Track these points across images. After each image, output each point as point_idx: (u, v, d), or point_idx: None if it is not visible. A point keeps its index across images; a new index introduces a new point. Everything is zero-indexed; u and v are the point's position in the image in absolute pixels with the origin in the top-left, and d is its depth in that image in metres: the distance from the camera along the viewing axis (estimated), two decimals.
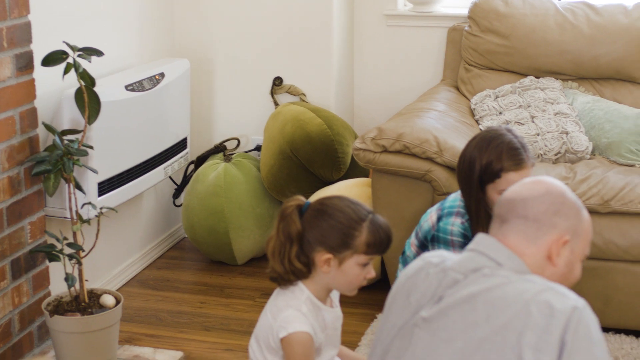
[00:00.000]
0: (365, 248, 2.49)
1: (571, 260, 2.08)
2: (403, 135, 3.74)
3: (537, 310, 1.90)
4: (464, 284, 2.00)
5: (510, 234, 2.08)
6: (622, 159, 4.03)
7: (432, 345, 1.98)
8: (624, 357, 3.57)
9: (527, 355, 1.87)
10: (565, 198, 2.08)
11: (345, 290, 2.58)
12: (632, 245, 3.65)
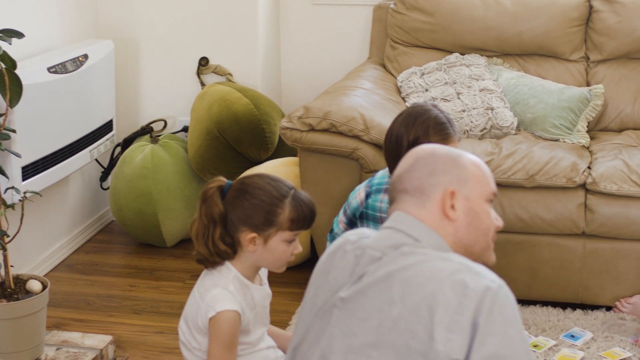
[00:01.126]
0: (289, 224, 2.49)
1: (471, 207, 2.06)
2: (330, 113, 3.74)
3: (450, 290, 1.89)
4: (382, 262, 1.99)
5: (400, 209, 2.09)
6: (546, 133, 4.07)
7: (350, 325, 1.97)
8: (551, 329, 3.62)
9: (438, 335, 1.86)
10: (435, 156, 2.08)
11: (274, 267, 2.58)
12: (557, 219, 3.70)
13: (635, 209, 3.65)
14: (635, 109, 4.31)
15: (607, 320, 3.70)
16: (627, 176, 3.64)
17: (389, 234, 2.06)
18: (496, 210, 3.71)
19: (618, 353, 3.41)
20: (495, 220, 2.14)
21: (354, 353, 1.94)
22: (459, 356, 1.86)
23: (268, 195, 2.49)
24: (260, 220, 2.48)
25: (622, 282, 3.75)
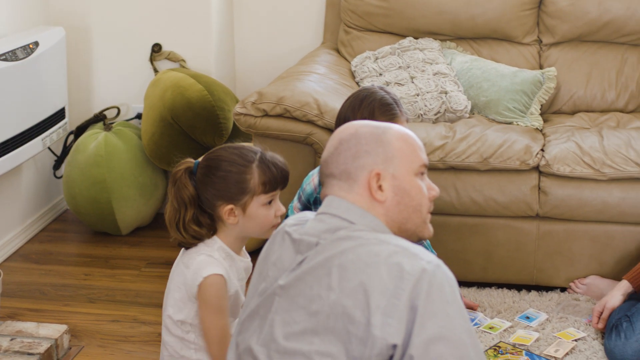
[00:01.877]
0: (262, 188, 2.50)
1: (399, 185, 2.05)
2: (283, 99, 3.72)
3: (387, 274, 1.88)
4: (320, 248, 1.98)
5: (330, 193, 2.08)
6: (500, 116, 4.09)
7: (290, 312, 1.96)
8: (507, 311, 3.64)
9: (375, 320, 1.85)
10: (358, 137, 2.06)
11: (261, 233, 2.57)
12: (511, 201, 3.72)
13: (588, 190, 3.68)
14: (587, 92, 4.34)
15: (562, 301, 3.73)
16: (580, 158, 3.67)
17: (324, 219, 2.05)
18: (450, 193, 3.73)
19: (572, 333, 3.44)
20: (430, 191, 2.13)
21: (295, 340, 1.93)
22: (397, 341, 1.85)
23: (234, 164, 2.48)
24: (233, 190, 2.48)
25: (576, 263, 3.78)
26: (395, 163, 2.05)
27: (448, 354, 1.86)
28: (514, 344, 3.37)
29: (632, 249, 3.72)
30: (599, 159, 3.65)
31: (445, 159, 3.72)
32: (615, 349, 3.20)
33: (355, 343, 1.87)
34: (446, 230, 3.79)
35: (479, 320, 3.56)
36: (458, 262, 3.82)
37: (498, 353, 3.30)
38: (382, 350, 1.86)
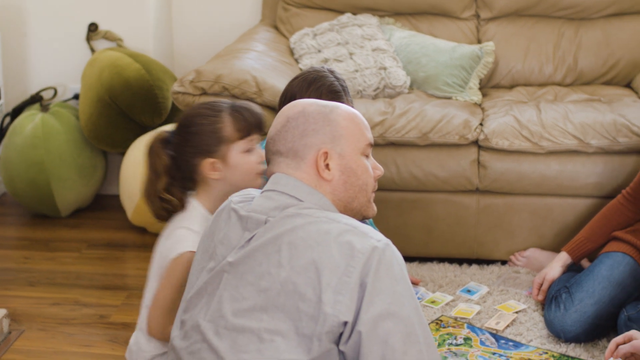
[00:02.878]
0: (238, 134, 2.49)
1: (346, 165, 2.07)
2: (222, 76, 3.70)
3: (337, 252, 1.89)
4: (269, 225, 1.99)
5: (277, 171, 2.08)
6: (439, 91, 4.10)
7: (239, 289, 1.96)
8: (448, 285, 3.66)
9: (326, 297, 1.87)
10: (306, 114, 2.07)
11: (249, 183, 2.55)
12: (450, 176, 3.74)
13: (527, 164, 3.70)
14: (525, 66, 4.36)
15: (502, 274, 3.76)
16: (519, 132, 3.69)
17: (272, 196, 2.05)
18: (391, 169, 3.74)
19: (513, 306, 3.47)
20: (375, 170, 2.14)
21: (244, 317, 1.93)
22: (348, 318, 1.86)
23: (204, 117, 2.48)
24: (209, 142, 2.48)
25: (515, 236, 3.82)
26: (342, 142, 2.06)
27: (395, 330, 1.88)
28: (456, 318, 3.40)
29: (571, 221, 3.76)
30: (537, 132, 3.68)
31: (385, 134, 3.73)
32: (554, 320, 3.24)
33: (306, 320, 1.88)
34: (387, 206, 3.80)
35: (421, 294, 3.58)
36: (399, 237, 3.83)
37: (440, 327, 3.32)
38: (332, 327, 1.87)
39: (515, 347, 3.19)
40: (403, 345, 1.88)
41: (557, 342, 3.23)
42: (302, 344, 1.89)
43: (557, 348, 3.19)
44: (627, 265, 3.25)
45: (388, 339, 1.87)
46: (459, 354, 3.14)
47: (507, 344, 3.21)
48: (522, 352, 3.16)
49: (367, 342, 1.87)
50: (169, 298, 2.49)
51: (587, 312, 3.18)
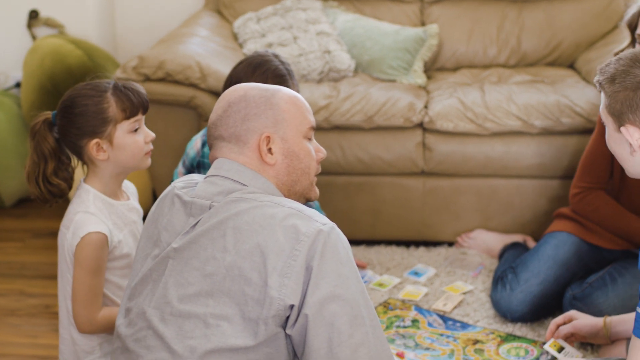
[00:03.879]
0: (122, 114, 2.45)
1: (289, 148, 2.07)
2: (165, 62, 3.67)
3: (283, 235, 1.89)
4: (213, 210, 1.98)
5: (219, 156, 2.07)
6: (384, 75, 4.10)
7: (184, 275, 1.95)
8: (395, 268, 3.67)
9: (272, 281, 1.87)
10: (247, 99, 2.06)
11: (137, 164, 2.52)
12: (396, 159, 3.74)
13: (472, 145, 3.72)
14: (469, 48, 4.38)
15: (450, 256, 3.78)
16: (463, 114, 3.71)
17: (216, 182, 2.04)
18: (336, 153, 3.74)
19: (460, 287, 3.49)
20: (317, 153, 2.14)
21: (189, 302, 1.92)
22: (294, 301, 1.86)
23: (88, 97, 2.43)
24: (94, 123, 2.43)
25: (462, 217, 3.84)
26: (285, 126, 2.06)
27: (342, 312, 1.88)
28: (403, 300, 3.41)
29: (516, 201, 3.79)
30: (481, 114, 3.70)
31: (330, 118, 3.72)
32: (501, 300, 3.26)
33: (252, 304, 1.88)
34: (333, 190, 3.80)
35: (369, 277, 3.58)
36: (346, 221, 3.84)
37: (388, 309, 3.33)
38: (279, 311, 1.87)
39: (462, 328, 3.21)
40: (349, 328, 1.88)
41: (504, 322, 3.26)
42: (248, 328, 1.89)
43: (504, 328, 3.22)
44: (572, 244, 3.28)
45: (334, 321, 1.87)
46: (406, 336, 3.15)
47: (455, 325, 3.23)
48: (470, 333, 3.18)
49: (313, 325, 1.87)
50: (87, 286, 2.44)
51: (532, 292, 3.21)
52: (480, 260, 3.71)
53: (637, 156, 2.08)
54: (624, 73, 2.07)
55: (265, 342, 1.90)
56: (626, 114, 2.05)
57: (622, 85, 2.06)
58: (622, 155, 2.13)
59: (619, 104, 2.06)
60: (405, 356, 3.02)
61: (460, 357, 3.02)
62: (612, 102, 2.08)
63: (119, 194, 2.57)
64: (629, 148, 2.08)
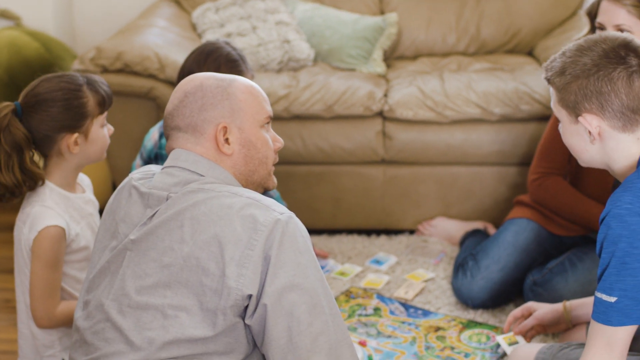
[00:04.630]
0: (98, 109, 2.46)
1: (246, 138, 2.06)
2: (123, 53, 3.65)
3: (240, 225, 1.89)
4: (171, 201, 1.97)
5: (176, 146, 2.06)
6: (343, 64, 4.10)
7: (142, 266, 1.94)
8: (357, 256, 3.68)
9: (230, 271, 1.86)
10: (204, 89, 2.06)
11: (98, 157, 2.52)
12: (356, 148, 3.75)
13: (431, 133, 3.73)
14: (428, 36, 4.39)
15: (411, 244, 3.79)
16: (422, 102, 3.71)
17: (173, 172, 2.03)
18: (296, 142, 3.73)
19: (421, 274, 3.50)
20: (275, 142, 2.14)
21: (147, 294, 1.91)
22: (252, 291, 1.86)
23: (67, 91, 2.42)
24: (75, 117, 2.42)
25: (422, 205, 3.85)
26: (241, 116, 2.05)
27: (300, 301, 1.88)
28: (365, 288, 3.42)
29: (476, 189, 3.80)
30: (441, 102, 3.71)
31: (289, 108, 3.72)
32: (462, 287, 3.27)
33: (210, 295, 1.87)
34: (294, 180, 3.80)
35: (330, 267, 3.59)
36: (307, 210, 3.84)
37: (349, 298, 3.34)
38: (237, 301, 1.86)
39: (424, 315, 3.22)
40: (308, 317, 1.88)
41: (465, 308, 3.27)
42: (206, 318, 1.88)
43: (465, 315, 3.23)
44: (532, 230, 3.30)
45: (293, 310, 1.87)
46: (368, 324, 3.16)
47: (416, 313, 3.24)
48: (431, 320, 3.19)
49: (272, 314, 1.87)
50: (45, 281, 2.42)
51: (493, 278, 3.23)
52: (441, 248, 3.73)
53: (597, 144, 2.08)
54: (572, 64, 2.07)
55: (224, 332, 1.89)
56: (581, 103, 2.05)
57: (572, 76, 2.06)
58: (580, 146, 2.12)
59: (573, 95, 2.06)
60: (368, 344, 3.02)
61: (422, 344, 3.03)
62: (565, 94, 2.08)
63: (75, 186, 2.55)
64: (587, 137, 2.08)
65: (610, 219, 1.96)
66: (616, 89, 2.02)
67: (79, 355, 2.01)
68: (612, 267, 1.96)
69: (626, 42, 2.05)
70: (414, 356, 2.97)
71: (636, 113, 2.03)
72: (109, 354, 1.93)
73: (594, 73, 2.03)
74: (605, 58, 2.03)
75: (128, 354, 1.91)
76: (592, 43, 2.08)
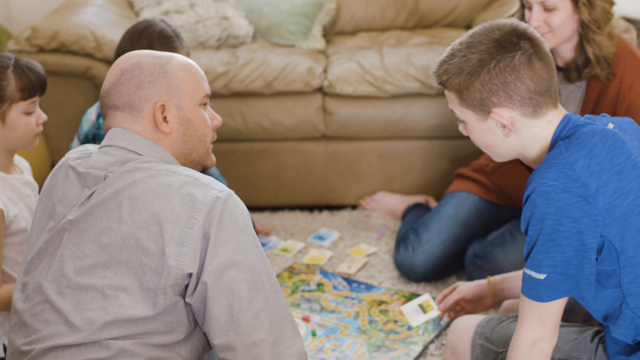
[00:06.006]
0: (20, 94, 2.42)
1: (184, 116, 2.05)
2: (59, 32, 3.60)
3: (179, 204, 1.88)
4: (109, 181, 1.95)
5: (113, 125, 2.05)
6: (282, 40, 4.09)
7: (80, 247, 1.93)
8: (300, 233, 3.69)
9: (169, 250, 1.86)
10: (141, 67, 2.04)
11: (24, 143, 2.49)
12: (297, 124, 3.74)
13: (372, 108, 3.74)
14: (368, 11, 4.38)
15: (353, 219, 3.80)
16: (362, 77, 3.72)
17: (110, 152, 2.01)
18: (237, 120, 3.72)
19: (364, 249, 3.52)
20: (213, 120, 2.13)
21: (86, 275, 1.90)
22: (192, 269, 1.86)
23: None
24: None
25: (364, 180, 3.86)
26: (179, 94, 2.03)
27: (241, 279, 1.88)
28: (308, 264, 3.43)
29: (417, 162, 3.82)
30: (381, 76, 3.71)
31: (229, 85, 3.70)
32: (404, 261, 3.29)
33: (150, 274, 1.86)
34: (235, 157, 3.79)
35: (273, 243, 3.59)
36: (249, 188, 3.83)
37: (292, 274, 3.34)
38: (177, 280, 1.86)
39: (367, 290, 3.24)
40: (249, 294, 1.88)
41: (408, 282, 3.30)
42: (147, 298, 1.87)
43: (408, 288, 3.25)
44: (472, 203, 3.32)
45: (234, 288, 1.87)
46: (312, 300, 3.17)
47: (359, 287, 3.26)
48: (374, 294, 3.20)
49: (212, 292, 1.86)
50: None
51: (434, 252, 3.25)
52: (383, 222, 3.75)
53: (512, 136, 2.07)
54: (468, 61, 2.04)
55: (164, 311, 1.89)
56: (488, 98, 2.03)
57: (472, 74, 2.03)
58: (494, 142, 2.10)
59: (477, 93, 2.03)
60: (311, 320, 3.04)
61: (365, 318, 3.05)
62: (468, 94, 2.05)
63: (11, 168, 2.52)
64: (501, 131, 2.07)
65: (535, 196, 1.95)
66: (520, 76, 2.01)
67: (18, 338, 1.99)
68: (539, 244, 1.97)
69: (514, 28, 2.04)
70: (358, 330, 2.98)
71: (543, 95, 2.03)
72: (48, 336, 1.91)
73: (495, 65, 2.01)
74: (501, 48, 2.02)
75: (68, 335, 1.89)
76: (481, 36, 2.05)
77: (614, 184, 1.95)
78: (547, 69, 2.03)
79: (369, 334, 2.96)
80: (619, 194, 1.95)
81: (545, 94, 2.03)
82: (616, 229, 1.94)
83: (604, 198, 1.93)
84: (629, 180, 1.97)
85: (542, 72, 2.02)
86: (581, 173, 1.94)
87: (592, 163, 1.95)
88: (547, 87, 2.03)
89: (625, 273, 1.97)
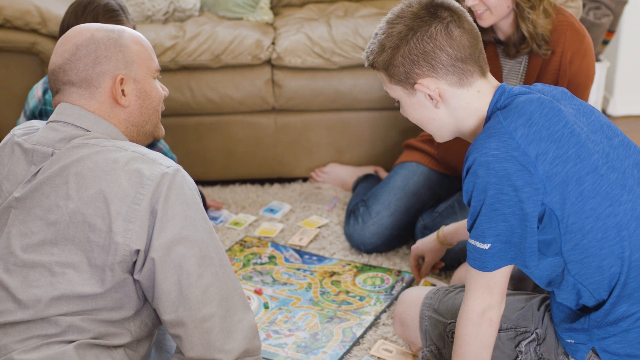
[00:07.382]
0: None
1: (141, 88, 2.05)
2: (2, 8, 3.56)
3: (126, 180, 1.88)
4: (55, 157, 1.94)
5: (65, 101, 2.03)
6: (230, 13, 4.07)
7: (27, 224, 1.92)
8: (251, 206, 3.69)
9: (117, 226, 1.85)
10: (96, 42, 2.02)
11: None
12: (246, 97, 3.73)
13: (321, 80, 3.73)
14: None
15: (304, 191, 3.81)
16: (311, 49, 3.71)
17: (57, 127, 2.00)
18: (185, 94, 3.71)
19: (315, 221, 3.53)
20: (162, 91, 2.13)
21: (34, 252, 1.89)
22: (140, 246, 1.85)
23: None
24: None
25: (315, 152, 3.86)
26: (135, 67, 2.04)
27: (190, 254, 1.88)
28: (260, 237, 3.43)
29: (367, 134, 3.83)
30: (329, 48, 3.71)
31: (176, 59, 3.68)
32: (354, 233, 3.30)
33: (97, 251, 1.86)
34: (184, 131, 3.78)
35: (224, 217, 3.59)
36: (199, 162, 3.82)
37: (244, 247, 3.34)
38: (124, 256, 1.86)
39: (319, 261, 3.25)
40: (198, 268, 1.89)
41: (360, 253, 3.31)
42: (95, 275, 1.87)
43: (360, 259, 3.27)
44: (422, 174, 3.34)
45: (182, 263, 1.87)
46: (264, 273, 3.17)
47: (311, 259, 3.27)
48: (326, 266, 3.22)
49: (161, 268, 1.87)
50: None
51: (384, 223, 3.26)
52: (334, 194, 3.76)
53: (442, 107, 2.08)
54: (388, 37, 2.06)
55: (113, 288, 1.89)
56: (412, 70, 2.05)
57: (392, 48, 2.05)
58: (427, 116, 2.12)
59: (400, 66, 2.05)
60: (263, 292, 3.04)
61: (317, 290, 3.06)
62: (393, 69, 2.07)
63: None
64: (430, 104, 2.08)
65: (477, 167, 1.97)
66: (438, 44, 2.02)
67: None
68: (483, 214, 1.99)
69: (431, 0, 2.07)
70: (310, 302, 2.99)
71: (466, 63, 2.05)
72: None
73: (412, 37, 2.03)
74: (418, 19, 2.03)
75: (16, 312, 1.88)
76: (400, 11, 2.07)
77: (552, 151, 1.96)
78: (468, 37, 2.05)
79: (321, 305, 2.97)
80: (557, 161, 1.96)
81: (467, 61, 2.04)
82: (556, 197, 1.95)
83: (544, 166, 1.95)
84: (567, 148, 1.98)
85: (462, 39, 2.03)
86: (521, 141, 1.95)
87: (530, 131, 1.97)
88: (469, 54, 2.04)
89: (566, 240, 2.00)
